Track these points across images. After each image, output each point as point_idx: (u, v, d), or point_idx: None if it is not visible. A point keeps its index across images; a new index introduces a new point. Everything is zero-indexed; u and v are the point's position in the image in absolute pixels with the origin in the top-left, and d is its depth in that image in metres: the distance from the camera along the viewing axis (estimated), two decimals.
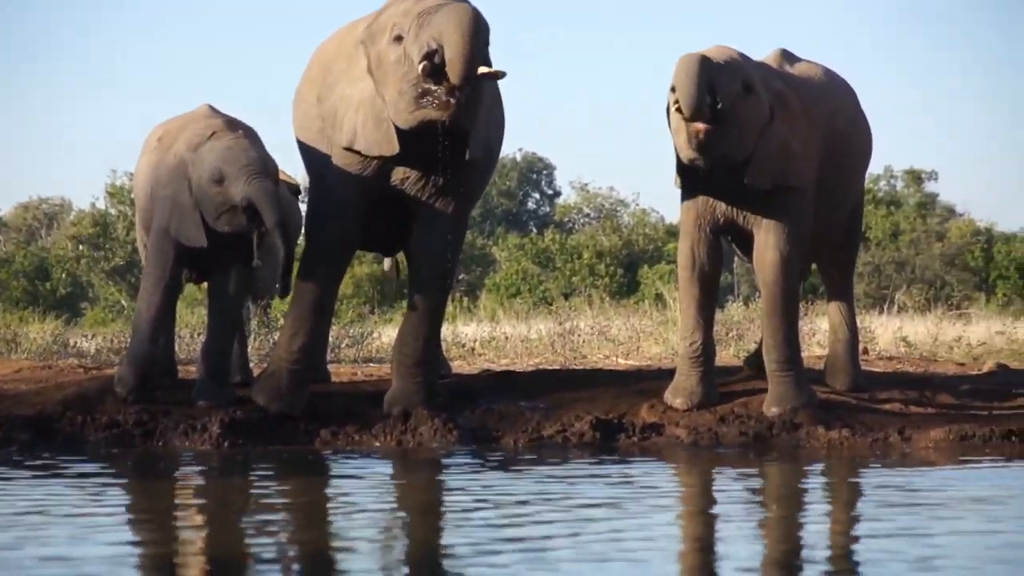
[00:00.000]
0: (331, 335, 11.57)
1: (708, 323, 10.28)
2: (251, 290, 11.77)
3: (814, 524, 7.01)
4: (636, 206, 43.77)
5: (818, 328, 15.81)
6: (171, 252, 9.81)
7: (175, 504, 7.63)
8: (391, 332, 14.71)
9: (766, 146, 9.90)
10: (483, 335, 16.85)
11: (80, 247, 35.11)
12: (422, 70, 9.06)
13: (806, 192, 10.17)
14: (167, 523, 6.94)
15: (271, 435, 9.64)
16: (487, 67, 9.14)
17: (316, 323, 10.05)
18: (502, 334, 16.66)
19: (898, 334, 16.16)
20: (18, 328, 16.08)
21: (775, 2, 79.97)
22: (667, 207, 52.66)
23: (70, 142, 71.25)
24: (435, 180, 9.82)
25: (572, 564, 5.74)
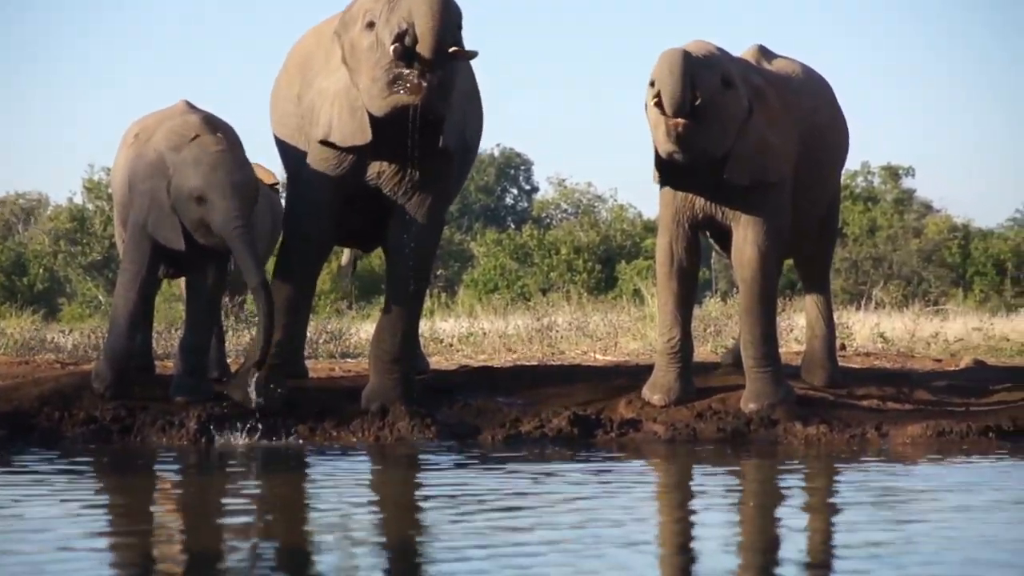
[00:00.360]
0: (309, 331, 11.53)
1: (686, 319, 10.29)
2: (228, 286, 11.73)
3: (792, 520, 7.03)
4: (614, 202, 43.84)
5: (796, 324, 15.83)
6: (148, 248, 9.76)
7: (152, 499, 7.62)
8: (369, 328, 14.70)
9: (745, 141, 9.91)
10: (461, 331, 16.85)
11: (58, 242, 35.02)
12: (393, 52, 9.06)
13: (784, 188, 10.18)
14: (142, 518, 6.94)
15: (249, 431, 9.61)
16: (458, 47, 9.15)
17: (293, 318, 10.03)
18: (480, 330, 16.65)
19: (875, 330, 16.20)
20: None
21: None
22: (645, 203, 52.64)
23: (47, 137, 71.05)
24: (411, 175, 9.82)
25: (548, 564, 5.74)
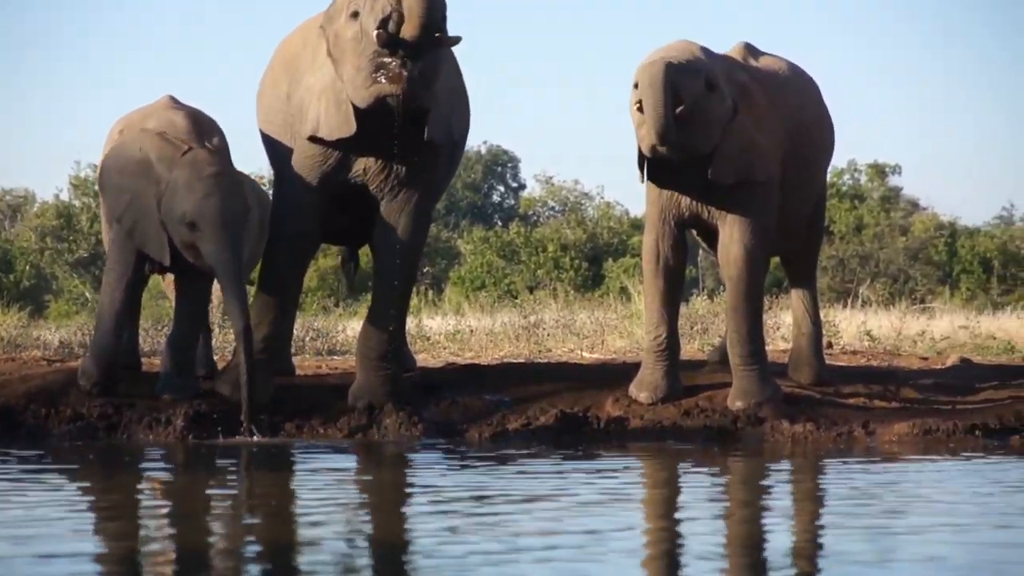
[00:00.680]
0: (296, 328, 11.53)
1: (673, 317, 10.29)
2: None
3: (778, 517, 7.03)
4: (601, 199, 43.76)
5: (782, 322, 15.84)
6: (134, 246, 9.73)
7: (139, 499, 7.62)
8: (356, 325, 14.69)
9: (730, 141, 9.91)
10: (448, 328, 16.85)
11: (44, 239, 34.94)
12: (377, 38, 9.06)
13: (771, 186, 10.18)
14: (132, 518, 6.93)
15: (236, 428, 9.60)
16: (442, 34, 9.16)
17: (280, 314, 10.04)
18: (467, 327, 16.65)
19: (862, 328, 16.21)
20: None
21: None
22: (632, 200, 52.56)
23: (33, 134, 70.89)
24: (397, 171, 9.83)
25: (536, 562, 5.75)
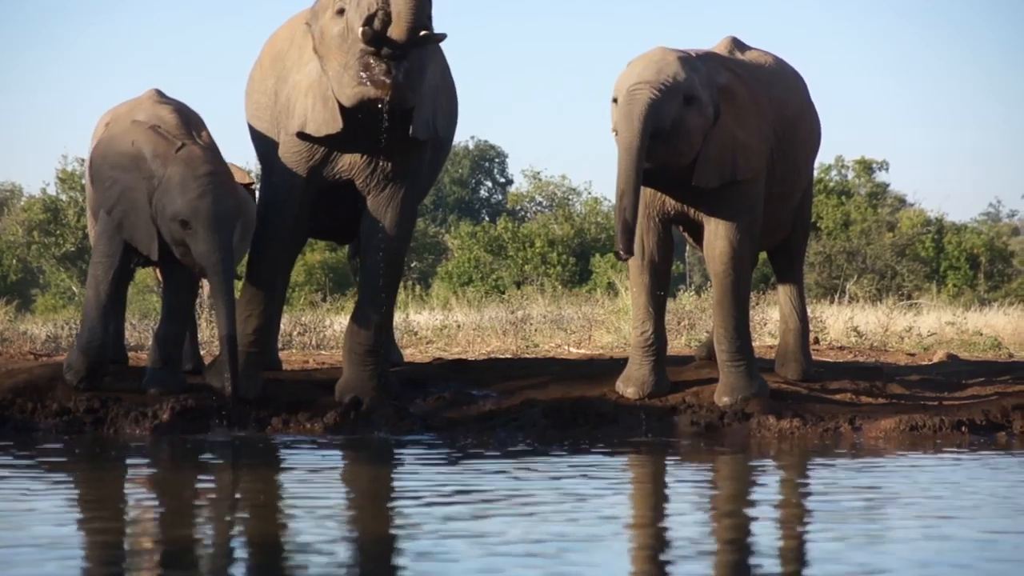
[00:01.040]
0: (283, 323, 11.53)
1: (659, 312, 10.29)
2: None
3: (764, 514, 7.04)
4: (588, 195, 43.77)
5: (769, 318, 15.89)
6: (120, 239, 9.70)
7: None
8: (343, 320, 14.69)
9: (711, 147, 9.84)
10: (435, 323, 16.87)
11: (31, 233, 34.89)
12: (362, 35, 9.04)
13: (756, 182, 10.16)
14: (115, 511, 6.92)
15: (222, 423, 9.59)
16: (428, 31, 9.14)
17: (267, 307, 10.03)
18: (454, 322, 16.67)
19: (849, 324, 16.26)
20: None
21: None
22: None
23: (20, 127, 70.81)
24: (383, 166, 9.82)
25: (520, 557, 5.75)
